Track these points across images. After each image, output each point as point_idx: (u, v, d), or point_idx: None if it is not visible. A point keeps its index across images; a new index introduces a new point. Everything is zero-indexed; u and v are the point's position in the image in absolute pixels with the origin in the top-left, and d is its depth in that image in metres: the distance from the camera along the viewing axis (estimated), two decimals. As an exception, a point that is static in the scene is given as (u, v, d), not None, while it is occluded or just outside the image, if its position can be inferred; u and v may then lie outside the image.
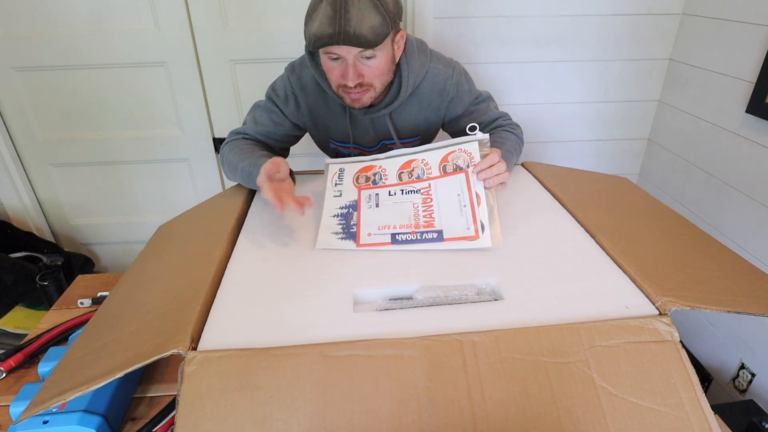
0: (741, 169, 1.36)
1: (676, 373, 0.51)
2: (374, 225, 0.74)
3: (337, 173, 0.86)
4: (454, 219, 0.72)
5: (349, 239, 0.72)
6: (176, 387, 0.49)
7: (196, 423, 0.47)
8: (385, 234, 0.72)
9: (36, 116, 1.59)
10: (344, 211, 0.77)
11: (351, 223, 0.75)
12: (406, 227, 0.72)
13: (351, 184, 0.82)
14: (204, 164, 1.72)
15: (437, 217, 0.73)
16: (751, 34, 1.30)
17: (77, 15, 1.45)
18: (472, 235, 0.69)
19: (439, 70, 0.96)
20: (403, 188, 0.79)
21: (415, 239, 0.70)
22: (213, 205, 0.93)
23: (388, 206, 0.77)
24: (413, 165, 0.82)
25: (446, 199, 0.76)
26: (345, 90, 0.87)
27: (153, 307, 0.62)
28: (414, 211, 0.75)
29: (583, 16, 1.56)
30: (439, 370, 0.50)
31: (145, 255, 0.82)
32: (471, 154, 0.79)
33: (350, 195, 0.81)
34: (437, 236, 0.70)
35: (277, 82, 1.01)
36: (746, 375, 1.37)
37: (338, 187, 0.82)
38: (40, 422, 0.59)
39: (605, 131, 1.77)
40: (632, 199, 0.90)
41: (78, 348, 0.61)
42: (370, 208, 0.77)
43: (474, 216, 0.72)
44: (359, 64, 0.83)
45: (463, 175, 0.77)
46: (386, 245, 0.70)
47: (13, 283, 1.41)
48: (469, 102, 1.01)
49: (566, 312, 0.57)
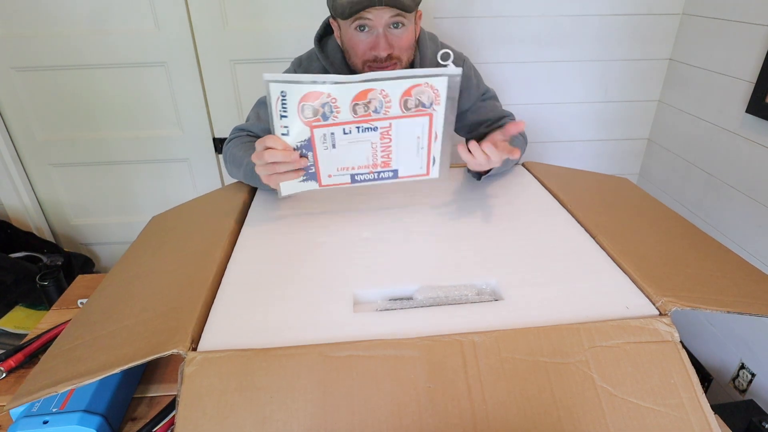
0: (741, 169, 1.36)
1: (676, 373, 0.51)
2: (333, 166, 0.76)
3: (279, 99, 0.70)
4: (411, 159, 0.77)
5: (311, 180, 0.76)
6: (176, 387, 0.49)
7: (196, 423, 0.47)
8: (344, 175, 0.77)
9: (36, 116, 1.59)
10: (298, 152, 0.74)
11: (308, 163, 0.75)
12: (364, 167, 0.76)
13: (297, 118, 0.71)
14: (204, 164, 1.72)
15: (395, 156, 0.76)
16: (751, 34, 1.30)
17: (77, 15, 1.45)
18: (423, 172, 0.78)
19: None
20: (359, 126, 0.73)
21: (373, 178, 0.78)
22: (211, 201, 0.93)
23: (344, 146, 0.74)
24: (370, 96, 0.71)
25: (405, 140, 0.76)
26: (373, 65, 0.86)
27: (150, 304, 0.62)
28: (372, 150, 0.75)
29: (583, 16, 1.56)
30: (439, 371, 0.50)
31: (139, 247, 0.81)
32: (437, 91, 0.72)
33: (299, 132, 0.72)
34: (392, 175, 0.78)
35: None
36: (746, 375, 1.37)
37: (284, 120, 0.71)
38: (40, 422, 0.59)
39: (605, 131, 1.77)
40: (632, 199, 0.90)
41: (69, 338, 0.60)
42: (327, 149, 0.74)
43: (429, 154, 0.77)
44: (389, 34, 0.83)
45: (427, 117, 0.74)
46: (346, 185, 0.77)
47: (13, 283, 1.41)
48: (476, 96, 1.00)
49: (566, 312, 0.57)
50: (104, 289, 0.71)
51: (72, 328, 0.62)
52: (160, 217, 0.92)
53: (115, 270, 0.76)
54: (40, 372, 0.55)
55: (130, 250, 0.81)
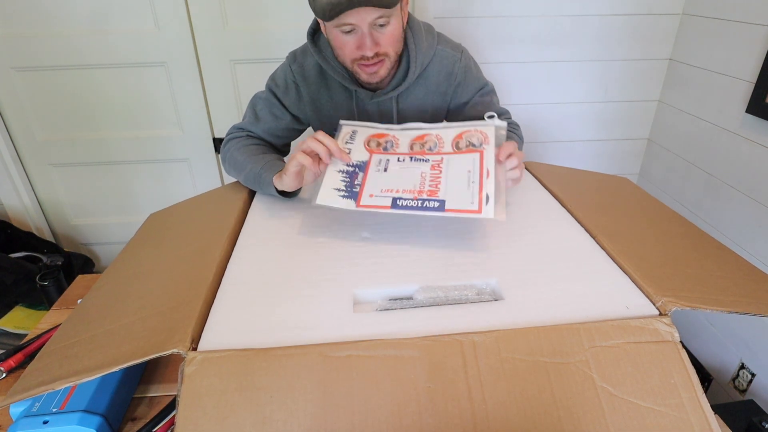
0: (741, 169, 1.36)
1: (677, 373, 0.51)
2: (377, 187, 0.73)
3: (349, 134, 0.83)
4: (460, 192, 0.70)
5: (350, 198, 0.71)
6: (176, 387, 0.49)
7: (196, 424, 0.47)
8: (386, 197, 0.71)
9: (36, 116, 1.59)
10: (350, 169, 0.76)
11: (355, 182, 0.73)
12: (408, 192, 0.71)
13: (362, 146, 0.80)
14: (204, 164, 1.72)
15: (443, 187, 0.72)
16: (751, 34, 1.30)
17: (77, 15, 1.45)
18: (475, 209, 0.67)
19: (447, 53, 0.95)
20: (414, 157, 0.78)
21: (416, 206, 0.69)
22: (211, 200, 0.93)
23: (395, 171, 0.75)
24: (426, 138, 0.81)
25: (456, 173, 0.74)
26: (362, 64, 0.85)
27: (149, 303, 0.62)
28: (421, 179, 0.74)
29: (583, 16, 1.56)
30: (440, 371, 0.50)
31: (136, 244, 0.81)
32: (486, 135, 0.77)
33: (359, 155, 0.79)
34: (439, 206, 0.68)
35: (278, 71, 0.99)
36: (746, 375, 1.37)
37: (348, 145, 0.80)
38: (40, 422, 0.59)
39: (605, 131, 1.77)
40: (632, 199, 0.90)
41: (65, 336, 0.59)
42: (378, 171, 0.75)
43: (480, 190, 0.69)
44: (374, 32, 0.82)
45: (478, 154, 0.75)
46: (386, 209, 0.69)
47: (13, 283, 1.41)
48: (475, 90, 0.99)
49: (566, 312, 0.57)
50: (101, 287, 0.70)
51: (68, 326, 0.62)
52: (158, 214, 0.92)
53: (112, 268, 0.75)
54: (35, 369, 0.55)
55: (127, 248, 0.80)
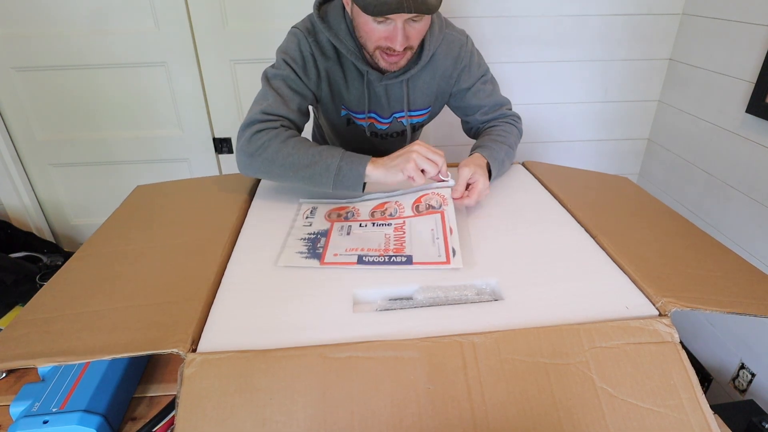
0: (741, 169, 1.36)
1: (676, 374, 0.51)
2: (342, 247, 0.72)
3: (309, 210, 0.83)
4: (426, 248, 0.70)
5: (313, 258, 0.69)
6: (176, 387, 0.49)
7: (196, 425, 0.47)
8: (351, 255, 0.69)
9: (36, 116, 1.59)
10: (312, 236, 0.75)
11: (318, 245, 0.72)
12: (374, 251, 0.70)
13: (323, 218, 0.80)
14: (204, 164, 1.72)
15: (408, 244, 0.71)
16: (751, 34, 1.30)
17: (77, 15, 1.45)
18: (444, 260, 0.67)
19: (454, 36, 0.95)
20: (376, 222, 0.78)
21: (383, 261, 0.68)
22: (206, 189, 0.91)
23: (358, 234, 0.75)
24: (386, 206, 0.82)
25: (419, 231, 0.74)
26: (385, 52, 0.83)
27: (143, 289, 0.61)
28: (385, 239, 0.73)
29: (583, 16, 1.56)
30: (439, 372, 0.50)
31: (123, 218, 0.79)
32: (444, 198, 0.79)
33: (320, 225, 0.78)
34: (406, 260, 0.68)
35: (290, 45, 0.90)
36: (746, 375, 1.37)
37: (309, 219, 0.80)
38: (40, 422, 0.59)
39: (605, 131, 1.77)
40: (632, 199, 0.90)
41: (43, 307, 0.58)
42: (341, 235, 0.75)
43: (446, 245, 0.70)
44: (407, 26, 0.80)
45: (438, 215, 0.76)
46: (351, 265, 0.67)
47: (13, 283, 1.41)
48: (477, 76, 0.98)
49: (566, 312, 0.57)
50: (83, 258, 0.67)
51: (46, 297, 0.59)
52: (146, 189, 0.88)
53: (96, 240, 0.72)
54: (11, 338, 0.52)
55: (113, 221, 0.76)
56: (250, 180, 0.95)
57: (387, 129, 1.03)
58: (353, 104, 0.97)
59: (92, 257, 0.70)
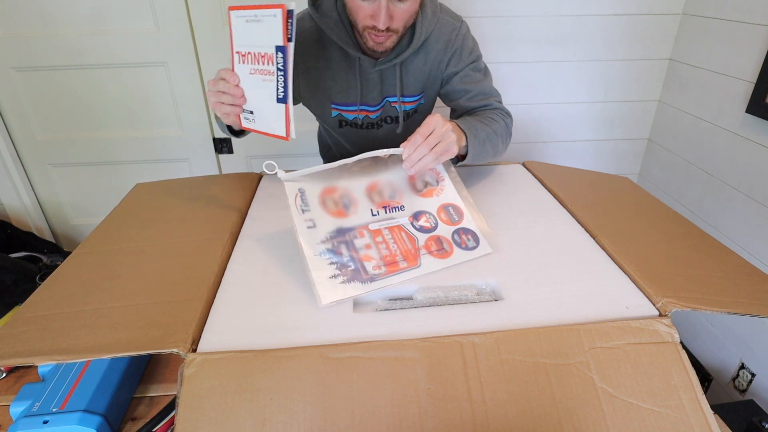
0: (741, 169, 1.36)
1: (677, 374, 0.51)
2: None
3: (298, 195, 0.73)
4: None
5: (354, 281, 0.65)
6: (176, 387, 0.49)
7: (196, 425, 0.47)
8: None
9: (36, 116, 1.59)
10: (328, 246, 0.69)
11: (344, 260, 0.67)
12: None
13: (320, 210, 0.72)
14: (204, 164, 1.72)
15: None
16: (751, 34, 1.29)
17: (77, 15, 1.45)
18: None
19: (447, 21, 0.95)
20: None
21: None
22: (207, 188, 0.91)
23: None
24: (380, 187, 0.77)
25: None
26: (371, 32, 0.84)
27: (142, 288, 0.61)
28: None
29: (583, 16, 1.56)
30: (440, 372, 0.50)
31: (123, 217, 0.78)
32: (437, 171, 0.79)
33: (324, 224, 0.71)
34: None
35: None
36: (746, 375, 1.37)
37: (307, 214, 0.71)
38: (40, 422, 0.59)
39: (605, 131, 1.77)
40: (633, 199, 0.90)
41: (42, 304, 0.57)
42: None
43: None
44: (391, 5, 0.80)
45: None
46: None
47: (13, 283, 1.41)
48: (467, 61, 0.97)
49: (566, 313, 0.57)
50: (82, 256, 0.67)
51: (45, 294, 0.59)
52: (146, 187, 0.88)
53: (96, 238, 0.72)
54: (10, 335, 0.52)
55: (112, 218, 0.76)
56: (251, 179, 0.95)
57: (379, 116, 1.02)
58: (342, 96, 0.98)
59: (91, 255, 0.70)
